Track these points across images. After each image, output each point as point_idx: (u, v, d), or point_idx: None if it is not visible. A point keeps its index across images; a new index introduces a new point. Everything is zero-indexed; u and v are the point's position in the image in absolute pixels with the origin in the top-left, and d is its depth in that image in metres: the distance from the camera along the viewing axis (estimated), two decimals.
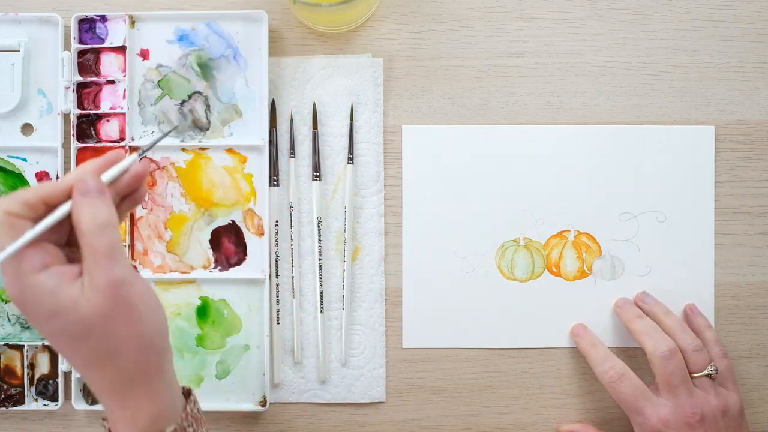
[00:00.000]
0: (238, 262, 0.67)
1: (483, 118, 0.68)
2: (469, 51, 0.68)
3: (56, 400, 0.66)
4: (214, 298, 0.67)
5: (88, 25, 0.66)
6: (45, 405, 0.66)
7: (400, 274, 0.67)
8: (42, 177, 0.67)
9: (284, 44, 0.68)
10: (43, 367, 0.66)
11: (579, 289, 0.67)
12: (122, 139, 0.66)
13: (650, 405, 0.61)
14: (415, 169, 0.67)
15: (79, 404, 0.66)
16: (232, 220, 0.67)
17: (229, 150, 0.67)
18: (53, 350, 0.66)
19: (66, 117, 0.67)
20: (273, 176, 0.66)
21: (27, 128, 0.67)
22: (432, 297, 0.67)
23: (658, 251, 0.67)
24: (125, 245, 0.66)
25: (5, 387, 0.66)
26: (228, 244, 0.67)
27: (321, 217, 0.67)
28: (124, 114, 0.66)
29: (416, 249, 0.67)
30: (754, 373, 0.68)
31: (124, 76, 0.66)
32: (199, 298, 0.67)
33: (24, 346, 0.66)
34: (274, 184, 0.67)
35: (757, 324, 0.68)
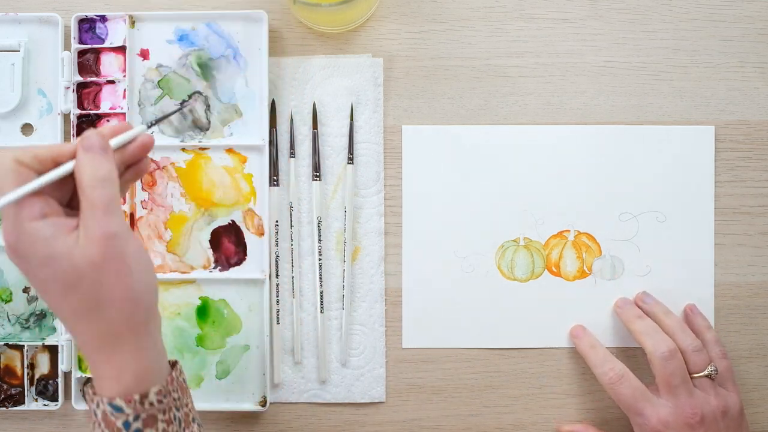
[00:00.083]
0: (238, 262, 0.67)
1: (483, 118, 0.68)
2: (469, 51, 0.68)
3: (56, 400, 0.66)
4: (214, 298, 0.67)
5: (88, 25, 0.66)
6: (45, 405, 0.66)
7: (400, 274, 0.67)
8: None
9: (284, 44, 0.68)
10: (43, 367, 0.66)
11: (579, 289, 0.67)
12: None
13: (650, 406, 0.61)
14: (415, 169, 0.67)
15: (79, 404, 0.66)
16: (232, 220, 0.67)
17: (229, 150, 0.67)
18: (53, 350, 0.66)
19: (66, 117, 0.67)
20: (273, 176, 0.66)
21: (27, 128, 0.67)
22: (432, 297, 0.67)
23: (658, 251, 0.67)
24: None
25: (5, 387, 0.66)
26: (228, 244, 0.67)
27: (321, 217, 0.67)
28: (124, 114, 0.66)
29: (416, 249, 0.67)
30: (754, 373, 0.68)
31: (124, 76, 0.66)
32: (199, 298, 0.67)
33: (24, 346, 0.66)
34: (274, 184, 0.67)
35: (757, 324, 0.68)
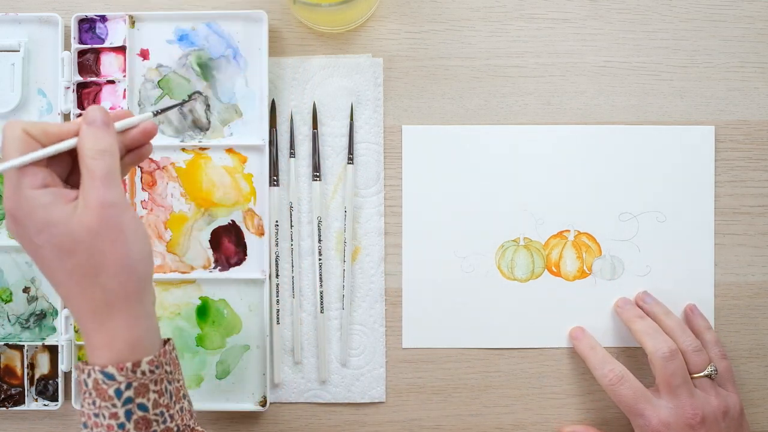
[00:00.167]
0: (238, 262, 0.67)
1: (483, 118, 0.68)
2: (469, 51, 0.68)
3: (56, 400, 0.66)
4: (214, 298, 0.67)
5: (88, 25, 0.66)
6: (45, 405, 0.66)
7: (400, 274, 0.67)
8: None
9: (284, 44, 0.68)
10: (43, 367, 0.66)
11: (579, 289, 0.67)
12: None
13: (651, 407, 0.61)
14: (415, 169, 0.67)
15: (79, 404, 0.65)
16: (232, 220, 0.67)
17: (229, 150, 0.67)
18: (53, 350, 0.66)
19: (66, 117, 0.67)
20: (273, 176, 0.66)
21: None
22: (432, 297, 0.67)
23: (658, 251, 0.67)
24: None
25: (5, 387, 0.66)
26: (228, 244, 0.67)
27: (321, 217, 0.67)
28: None
29: (416, 249, 0.67)
30: (754, 373, 0.68)
31: (124, 76, 0.66)
32: (199, 298, 0.67)
33: (24, 346, 0.66)
34: (274, 184, 0.67)
35: (757, 324, 0.68)
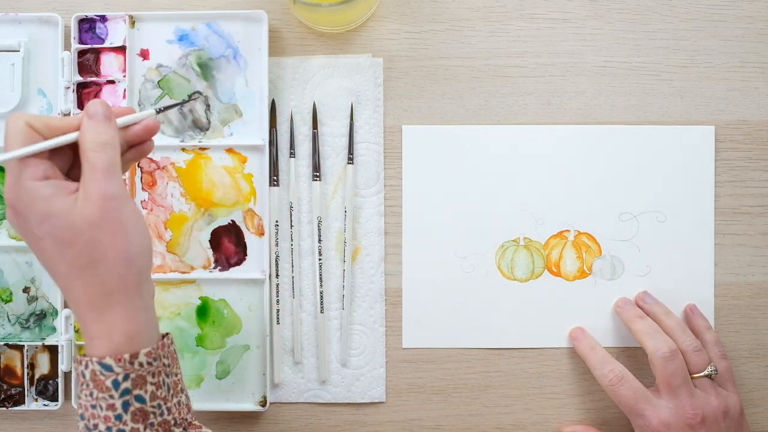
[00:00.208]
0: (238, 262, 0.67)
1: (483, 118, 0.68)
2: (469, 51, 0.68)
3: (56, 400, 0.66)
4: (214, 298, 0.67)
5: (88, 25, 0.66)
6: (45, 405, 0.66)
7: (400, 274, 0.67)
8: None
9: (284, 44, 0.68)
10: (43, 367, 0.66)
11: (579, 289, 0.67)
12: None
13: (651, 407, 0.61)
14: (415, 169, 0.67)
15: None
16: (232, 220, 0.67)
17: (229, 150, 0.67)
18: (53, 350, 0.66)
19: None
20: (273, 176, 0.66)
21: None
22: (432, 297, 0.67)
23: (658, 251, 0.67)
24: None
25: (5, 387, 0.66)
26: (228, 244, 0.67)
27: (321, 217, 0.67)
28: None
29: (416, 249, 0.67)
30: (754, 373, 0.68)
31: (124, 76, 0.66)
32: (199, 298, 0.67)
33: (24, 346, 0.66)
34: (274, 184, 0.67)
35: (757, 324, 0.68)
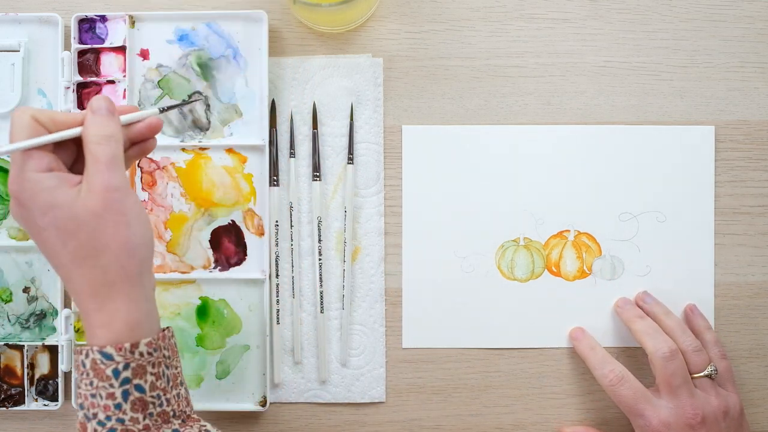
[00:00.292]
0: (238, 262, 0.67)
1: (483, 118, 0.68)
2: (469, 51, 0.68)
3: (56, 400, 0.66)
4: (214, 298, 0.67)
5: (88, 25, 0.66)
6: (45, 405, 0.66)
7: (400, 274, 0.67)
8: None
9: (284, 44, 0.68)
10: (43, 367, 0.66)
11: (579, 289, 0.67)
12: None
13: (651, 407, 0.61)
14: (415, 169, 0.67)
15: (76, 408, 0.65)
16: (232, 220, 0.67)
17: (229, 150, 0.67)
18: (53, 350, 0.66)
19: None
20: (273, 176, 0.66)
21: None
22: (432, 297, 0.67)
23: (658, 251, 0.67)
24: None
25: (5, 387, 0.66)
26: (228, 244, 0.67)
27: (321, 217, 0.67)
28: None
29: (416, 249, 0.67)
30: (754, 373, 0.68)
31: (124, 76, 0.66)
32: (199, 298, 0.67)
33: (24, 346, 0.66)
34: (274, 184, 0.67)
35: (757, 324, 0.68)
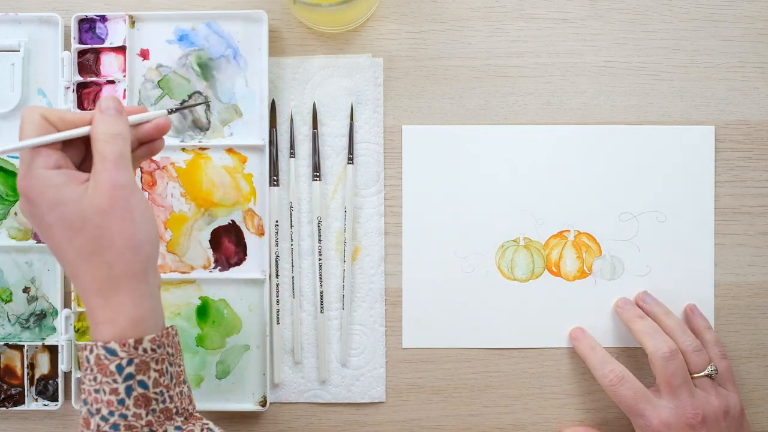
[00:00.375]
0: (238, 262, 0.67)
1: (483, 118, 0.68)
2: (469, 51, 0.68)
3: (56, 400, 0.66)
4: (214, 298, 0.67)
5: (88, 25, 0.66)
6: (45, 405, 0.66)
7: (400, 274, 0.67)
8: None
9: (284, 44, 0.68)
10: (43, 367, 0.66)
11: (579, 289, 0.67)
12: None
13: (651, 407, 0.61)
14: (415, 169, 0.67)
15: (79, 404, 0.65)
16: (232, 220, 0.67)
17: (229, 150, 0.67)
18: (53, 350, 0.66)
19: None
20: (273, 176, 0.66)
21: None
22: (432, 297, 0.67)
23: (658, 251, 0.67)
24: None
25: (5, 387, 0.66)
26: (228, 244, 0.67)
27: (321, 217, 0.67)
28: None
29: (416, 249, 0.67)
30: (754, 373, 0.68)
31: (124, 76, 0.66)
32: (199, 298, 0.67)
33: (24, 346, 0.66)
34: (274, 184, 0.67)
35: (757, 324, 0.68)
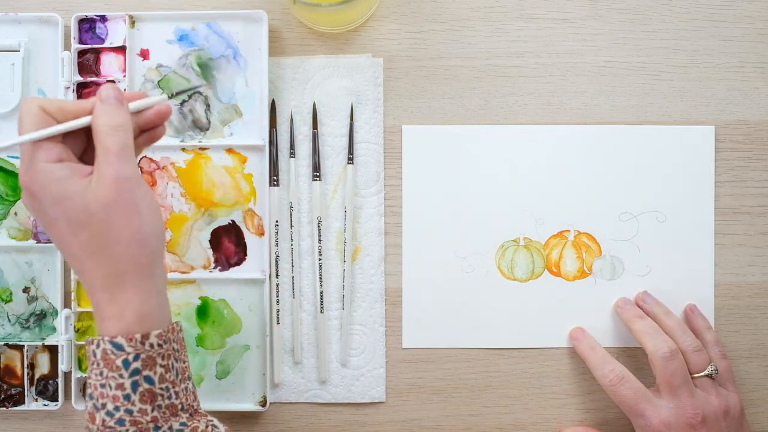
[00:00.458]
0: (238, 262, 0.67)
1: (483, 118, 0.68)
2: (469, 51, 0.68)
3: (56, 400, 0.66)
4: (214, 298, 0.67)
5: (88, 25, 0.66)
6: (45, 405, 0.66)
7: (400, 274, 0.67)
8: None
9: (284, 44, 0.68)
10: (43, 367, 0.66)
11: (579, 289, 0.67)
12: None
13: (651, 407, 0.61)
14: (415, 169, 0.67)
15: (79, 404, 0.66)
16: (232, 220, 0.67)
17: (229, 150, 0.67)
18: (53, 350, 0.66)
19: None
20: (273, 176, 0.66)
21: None
22: (432, 297, 0.67)
23: (658, 251, 0.67)
24: None
25: (5, 387, 0.66)
26: (228, 244, 0.67)
27: (321, 217, 0.67)
28: None
29: (416, 249, 0.67)
30: (754, 373, 0.68)
31: (124, 76, 0.66)
32: (199, 298, 0.67)
33: (24, 346, 0.66)
34: (274, 184, 0.67)
35: (757, 324, 0.68)
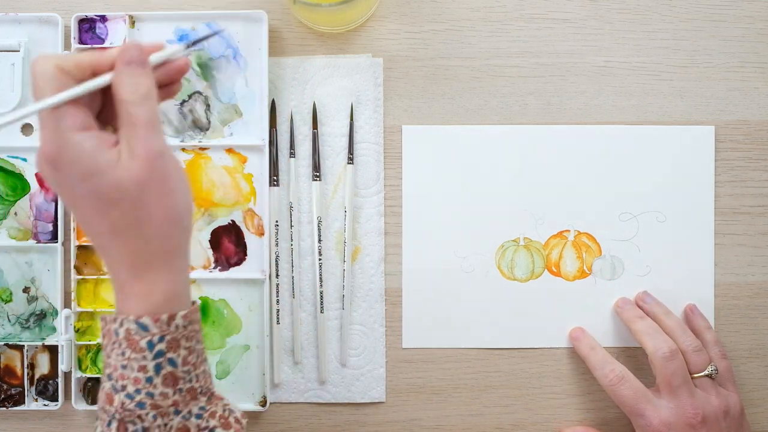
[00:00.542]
0: (238, 262, 0.67)
1: (483, 118, 0.68)
2: (469, 51, 0.68)
3: (56, 400, 0.66)
4: (214, 298, 0.67)
5: (88, 25, 0.66)
6: (45, 405, 0.66)
7: (400, 274, 0.67)
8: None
9: (284, 44, 0.68)
10: (43, 367, 0.66)
11: (579, 289, 0.67)
12: None
13: (651, 407, 0.61)
14: (415, 168, 0.67)
15: (79, 404, 0.66)
16: (232, 220, 0.67)
17: (229, 150, 0.67)
18: (53, 350, 0.66)
19: None
20: (273, 176, 0.66)
21: (27, 128, 0.67)
22: (432, 297, 0.67)
23: (658, 251, 0.67)
24: None
25: (5, 387, 0.66)
26: (228, 244, 0.67)
27: (321, 217, 0.67)
28: None
29: (416, 249, 0.67)
30: (754, 373, 0.68)
31: None
32: (199, 298, 0.67)
33: (24, 346, 0.66)
34: (274, 184, 0.67)
35: (757, 324, 0.68)
